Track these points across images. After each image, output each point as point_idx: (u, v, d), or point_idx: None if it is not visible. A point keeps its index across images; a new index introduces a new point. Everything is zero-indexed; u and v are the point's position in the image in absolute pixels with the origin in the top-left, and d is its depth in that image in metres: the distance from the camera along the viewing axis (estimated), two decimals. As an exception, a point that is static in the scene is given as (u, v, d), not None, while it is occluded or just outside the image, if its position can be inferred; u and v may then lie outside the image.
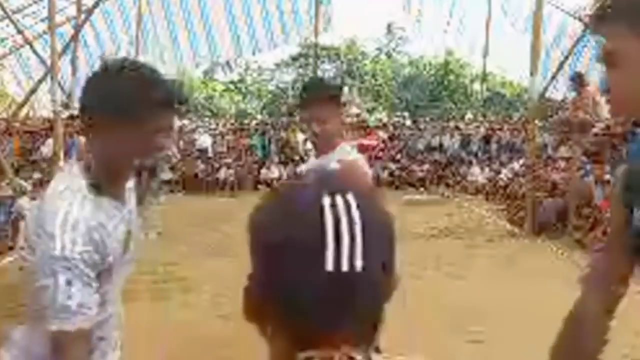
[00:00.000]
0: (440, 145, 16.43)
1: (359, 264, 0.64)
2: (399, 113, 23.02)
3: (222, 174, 15.38)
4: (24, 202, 7.52)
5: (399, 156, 15.89)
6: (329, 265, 0.64)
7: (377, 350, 0.71)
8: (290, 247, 0.65)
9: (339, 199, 0.66)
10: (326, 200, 0.65)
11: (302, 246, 0.65)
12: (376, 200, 0.70)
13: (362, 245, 0.65)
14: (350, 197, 0.66)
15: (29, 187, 8.28)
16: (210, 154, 16.35)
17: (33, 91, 9.56)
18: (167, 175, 14.62)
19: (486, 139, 15.59)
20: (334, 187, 0.67)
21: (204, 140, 16.94)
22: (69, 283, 1.22)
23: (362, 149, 11.27)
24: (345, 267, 0.64)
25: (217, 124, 18.86)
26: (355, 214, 0.65)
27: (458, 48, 17.25)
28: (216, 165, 15.67)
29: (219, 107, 28.29)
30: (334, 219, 0.65)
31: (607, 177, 7.85)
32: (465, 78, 26.97)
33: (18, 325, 1.48)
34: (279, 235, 0.66)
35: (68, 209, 1.27)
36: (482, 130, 16.15)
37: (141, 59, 14.31)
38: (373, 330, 0.70)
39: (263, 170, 15.62)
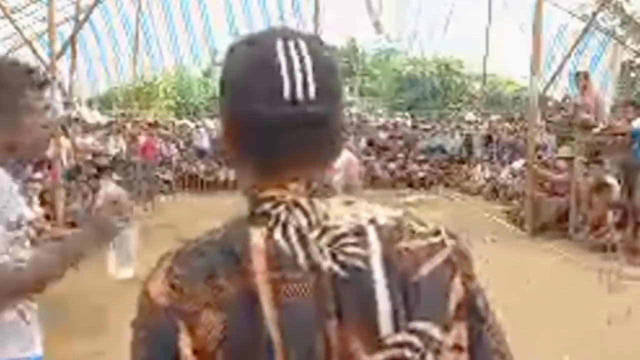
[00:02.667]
0: (441, 145, 16.42)
1: (312, 90, 0.72)
2: (399, 113, 23.01)
3: (222, 174, 15.37)
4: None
5: (399, 156, 15.87)
6: (286, 93, 0.72)
7: None
8: (250, 85, 0.74)
9: (290, 42, 0.74)
10: (279, 43, 0.74)
11: (257, 81, 0.73)
12: (323, 44, 0.78)
13: (314, 78, 0.73)
14: (300, 40, 0.75)
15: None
16: (210, 154, 16.35)
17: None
18: (166, 175, 14.62)
19: (487, 139, 15.58)
20: (287, 34, 0.76)
21: (204, 141, 16.94)
22: None
23: None
24: (300, 95, 0.72)
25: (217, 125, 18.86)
26: (305, 51, 0.74)
27: (456, 54, 17.20)
28: (216, 165, 15.67)
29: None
30: (285, 53, 0.73)
31: (608, 177, 7.84)
32: (466, 78, 26.96)
33: None
34: (240, 79, 0.75)
35: None
36: (482, 130, 16.14)
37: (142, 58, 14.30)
38: (323, 169, 0.77)
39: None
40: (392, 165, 15.51)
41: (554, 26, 12.96)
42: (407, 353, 0.70)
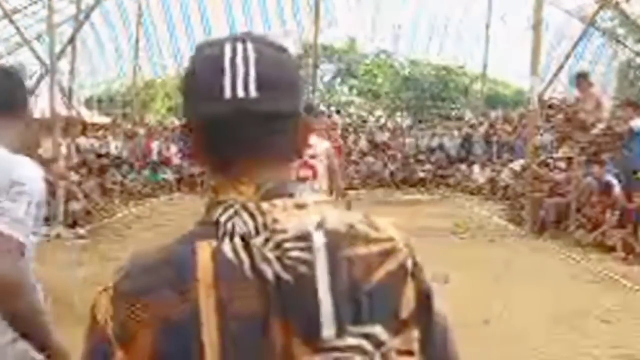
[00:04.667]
0: (441, 145, 16.43)
1: (253, 88, 0.74)
2: (399, 113, 23.03)
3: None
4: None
5: (399, 156, 15.88)
6: (226, 91, 0.74)
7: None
8: (197, 85, 0.77)
9: (238, 44, 0.76)
10: (228, 45, 0.76)
11: (203, 78, 0.76)
12: (277, 45, 0.79)
13: (256, 76, 0.74)
14: (248, 42, 0.77)
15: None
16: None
17: (32, 91, 9.55)
18: (167, 175, 14.62)
19: (486, 139, 15.59)
20: (238, 38, 0.78)
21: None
22: None
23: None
24: (240, 93, 0.74)
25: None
26: (250, 51, 0.76)
27: (455, 57, 17.18)
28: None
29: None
30: (231, 54, 0.75)
31: (608, 177, 7.84)
32: (466, 78, 26.96)
33: None
34: (190, 80, 0.78)
35: None
36: (482, 130, 16.15)
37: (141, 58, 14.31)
38: (282, 169, 0.78)
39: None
40: (392, 165, 15.52)
41: (554, 26, 12.97)
42: (352, 356, 0.71)
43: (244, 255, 0.71)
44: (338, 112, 28.01)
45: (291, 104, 0.78)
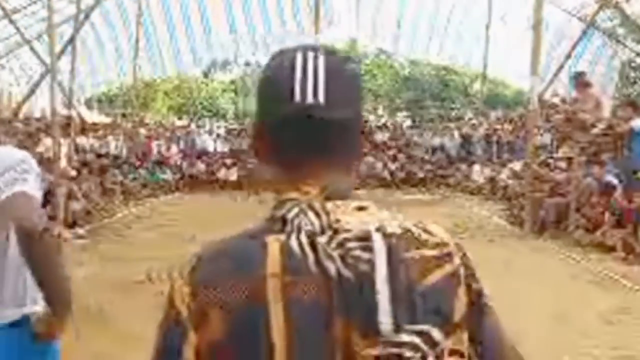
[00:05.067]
0: (441, 145, 16.43)
1: (321, 97, 0.79)
2: (399, 113, 23.01)
3: (221, 174, 15.38)
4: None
5: (399, 156, 15.88)
6: (297, 97, 0.79)
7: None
8: (270, 90, 0.83)
9: (310, 54, 0.82)
10: (300, 54, 0.82)
11: (276, 84, 0.82)
12: (347, 58, 0.86)
13: (324, 84, 0.80)
14: (320, 53, 0.82)
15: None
16: (210, 154, 16.36)
17: (33, 91, 9.56)
18: (166, 175, 14.62)
19: (486, 139, 15.59)
20: (310, 48, 0.83)
21: (204, 140, 16.95)
22: None
23: None
24: (309, 99, 0.79)
25: (218, 127, 18.84)
26: (320, 60, 0.81)
27: (455, 58, 17.15)
28: (216, 165, 15.68)
29: (219, 107, 28.27)
30: (303, 62, 0.81)
31: (608, 177, 7.84)
32: (466, 77, 26.96)
33: None
34: (264, 85, 0.85)
35: None
36: (482, 130, 16.15)
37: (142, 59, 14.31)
38: (343, 173, 0.83)
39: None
40: (392, 165, 15.52)
41: (554, 26, 12.97)
42: (407, 353, 0.74)
43: (309, 251, 0.76)
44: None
45: (354, 110, 0.84)
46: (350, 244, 0.76)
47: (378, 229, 0.77)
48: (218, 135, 17.54)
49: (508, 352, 0.86)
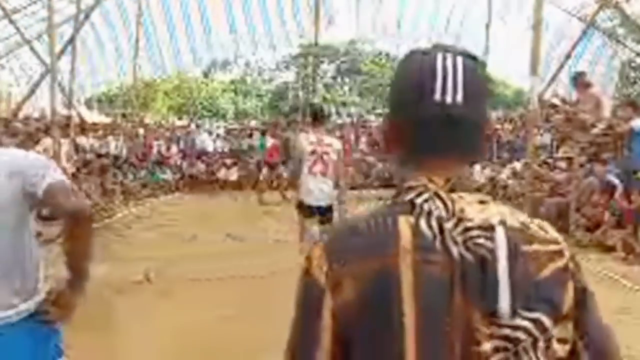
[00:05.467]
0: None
1: (460, 96, 0.86)
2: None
3: (221, 174, 15.38)
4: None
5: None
6: (437, 96, 0.86)
7: None
8: (410, 87, 0.89)
9: (449, 55, 0.88)
10: (440, 55, 0.88)
11: (416, 83, 0.88)
12: (474, 57, 0.91)
13: (462, 85, 0.86)
14: (459, 56, 0.88)
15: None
16: (210, 154, 16.36)
17: (33, 91, 9.55)
18: (167, 175, 14.62)
19: (487, 139, 15.56)
20: (449, 49, 0.90)
21: (204, 140, 16.95)
22: None
23: None
24: (449, 99, 0.86)
25: (218, 127, 18.84)
26: (459, 61, 0.88)
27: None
28: (216, 165, 15.67)
29: (219, 107, 28.27)
30: (443, 62, 0.87)
31: (610, 177, 7.84)
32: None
33: None
34: (403, 82, 0.91)
35: None
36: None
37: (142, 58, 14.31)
38: (467, 168, 0.92)
39: (263, 170, 15.61)
40: (392, 165, 15.52)
41: (554, 26, 12.97)
42: (522, 336, 0.82)
43: (437, 232, 0.83)
44: (338, 112, 28.07)
45: (484, 110, 0.91)
46: (474, 232, 0.83)
47: (500, 222, 0.85)
48: (218, 135, 17.54)
49: (610, 346, 0.93)
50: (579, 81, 8.87)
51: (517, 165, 12.07)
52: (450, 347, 0.82)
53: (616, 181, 7.70)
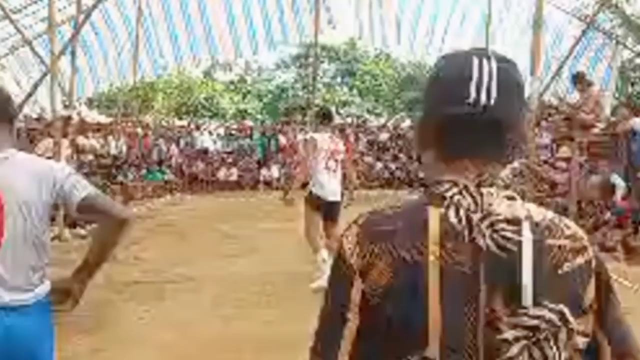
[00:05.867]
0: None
1: (493, 98, 0.90)
2: (399, 113, 22.98)
3: (222, 174, 15.38)
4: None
5: (399, 156, 15.88)
6: (471, 98, 0.90)
7: None
8: (447, 89, 0.93)
9: (484, 59, 0.92)
10: (475, 60, 0.92)
11: (452, 85, 0.92)
12: (511, 63, 0.95)
13: (497, 87, 0.90)
14: (493, 59, 0.92)
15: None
16: (210, 154, 16.36)
17: (33, 91, 9.55)
18: (167, 175, 14.62)
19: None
20: (483, 53, 0.94)
21: (204, 140, 16.95)
22: None
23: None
24: (483, 100, 0.90)
25: (218, 127, 18.82)
26: (494, 64, 0.91)
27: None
28: (216, 165, 15.68)
29: (219, 107, 28.27)
30: (478, 65, 0.91)
31: (613, 176, 7.83)
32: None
33: None
34: (440, 84, 0.95)
35: None
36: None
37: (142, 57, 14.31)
38: (496, 166, 0.94)
39: (263, 170, 15.62)
40: (392, 165, 15.53)
41: (554, 26, 12.97)
42: (543, 325, 0.85)
43: (465, 224, 0.87)
44: (338, 112, 28.07)
45: (518, 111, 0.94)
46: (501, 225, 0.87)
47: (527, 217, 0.89)
48: (218, 135, 17.54)
49: (632, 343, 0.95)
50: (579, 81, 8.87)
51: (517, 165, 12.07)
52: (473, 334, 0.85)
53: (618, 181, 7.70)
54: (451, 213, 0.88)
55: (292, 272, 5.92)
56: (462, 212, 0.88)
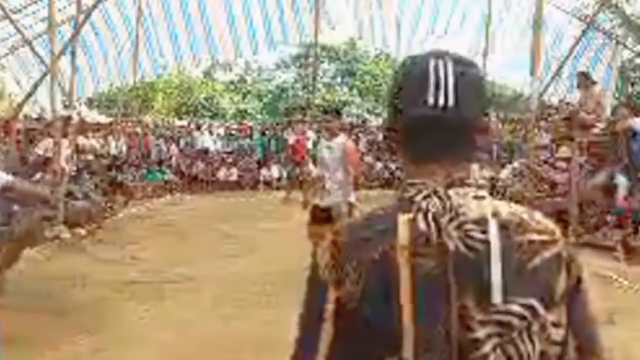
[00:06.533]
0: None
1: (451, 99, 0.91)
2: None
3: (221, 174, 15.37)
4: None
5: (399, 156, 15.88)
6: (430, 100, 0.92)
7: None
8: (406, 92, 0.95)
9: (440, 61, 0.94)
10: (432, 61, 0.94)
11: (411, 89, 0.94)
12: (471, 63, 0.97)
13: (454, 89, 0.92)
14: (449, 60, 0.94)
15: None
16: (210, 154, 16.36)
17: (33, 91, 9.55)
18: (167, 175, 14.62)
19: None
20: (440, 55, 0.95)
21: (204, 140, 16.95)
22: None
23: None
24: (441, 102, 0.92)
25: (218, 127, 18.81)
26: (450, 67, 0.93)
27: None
28: (216, 165, 15.67)
29: (219, 107, 28.26)
30: (435, 69, 0.93)
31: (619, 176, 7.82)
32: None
33: None
34: (400, 88, 0.97)
35: None
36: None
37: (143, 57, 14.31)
38: (464, 165, 0.95)
39: (263, 170, 15.62)
40: (392, 165, 15.53)
41: (554, 26, 12.97)
42: (514, 321, 0.86)
43: (433, 228, 0.89)
44: (338, 112, 28.09)
45: (479, 110, 0.96)
46: (468, 226, 0.89)
47: (494, 215, 0.90)
48: (218, 135, 17.54)
49: (597, 338, 0.96)
50: (582, 80, 8.86)
51: (517, 165, 12.07)
52: (446, 335, 0.87)
53: (620, 181, 7.68)
54: (419, 217, 0.90)
55: (292, 272, 5.91)
56: (429, 217, 0.90)
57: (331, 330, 0.93)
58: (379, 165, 15.43)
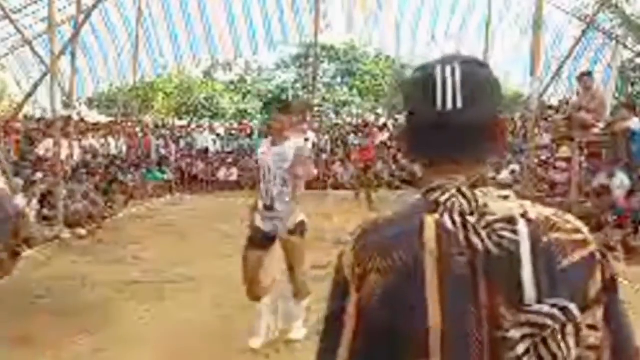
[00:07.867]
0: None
1: (459, 102, 0.92)
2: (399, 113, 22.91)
3: (221, 174, 15.37)
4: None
5: (399, 156, 15.87)
6: (438, 104, 0.93)
7: None
8: (416, 98, 0.97)
9: (447, 66, 0.94)
10: (439, 67, 0.95)
11: (418, 94, 0.96)
12: (481, 64, 0.98)
13: (461, 92, 0.92)
14: (457, 64, 0.94)
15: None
16: (210, 154, 16.36)
17: (33, 91, 9.55)
18: (167, 175, 14.61)
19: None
20: (447, 60, 0.96)
21: (204, 140, 16.95)
22: None
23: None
24: (449, 105, 0.92)
25: (218, 127, 18.81)
26: (457, 70, 0.93)
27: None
28: (216, 165, 15.67)
29: (219, 107, 28.27)
30: (442, 73, 0.94)
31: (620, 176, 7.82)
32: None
33: None
34: (410, 94, 0.99)
35: None
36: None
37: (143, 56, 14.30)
38: (483, 165, 0.95)
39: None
40: (392, 165, 15.52)
41: (554, 26, 12.97)
42: (548, 322, 0.84)
43: (460, 228, 0.88)
44: (337, 112, 28.08)
45: (490, 113, 0.95)
46: (497, 225, 0.87)
47: (522, 215, 0.89)
48: (218, 135, 17.54)
49: (633, 338, 0.94)
50: (585, 79, 8.85)
51: (517, 165, 12.08)
52: (477, 336, 0.85)
53: (620, 179, 7.68)
54: (446, 217, 0.89)
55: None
56: (456, 216, 0.89)
57: (350, 335, 0.92)
58: (379, 165, 15.42)
